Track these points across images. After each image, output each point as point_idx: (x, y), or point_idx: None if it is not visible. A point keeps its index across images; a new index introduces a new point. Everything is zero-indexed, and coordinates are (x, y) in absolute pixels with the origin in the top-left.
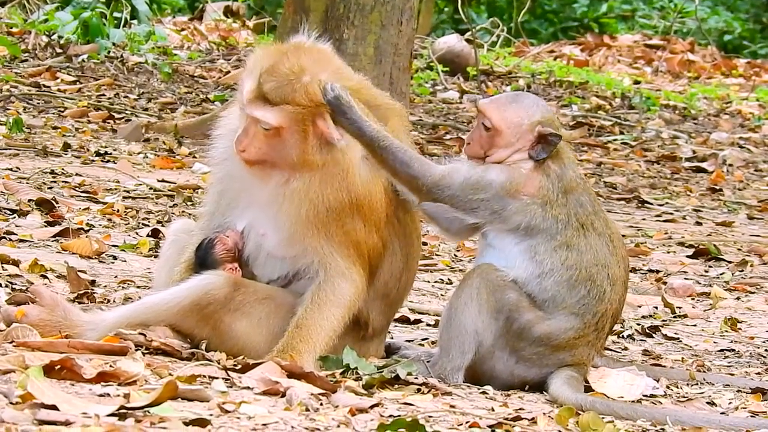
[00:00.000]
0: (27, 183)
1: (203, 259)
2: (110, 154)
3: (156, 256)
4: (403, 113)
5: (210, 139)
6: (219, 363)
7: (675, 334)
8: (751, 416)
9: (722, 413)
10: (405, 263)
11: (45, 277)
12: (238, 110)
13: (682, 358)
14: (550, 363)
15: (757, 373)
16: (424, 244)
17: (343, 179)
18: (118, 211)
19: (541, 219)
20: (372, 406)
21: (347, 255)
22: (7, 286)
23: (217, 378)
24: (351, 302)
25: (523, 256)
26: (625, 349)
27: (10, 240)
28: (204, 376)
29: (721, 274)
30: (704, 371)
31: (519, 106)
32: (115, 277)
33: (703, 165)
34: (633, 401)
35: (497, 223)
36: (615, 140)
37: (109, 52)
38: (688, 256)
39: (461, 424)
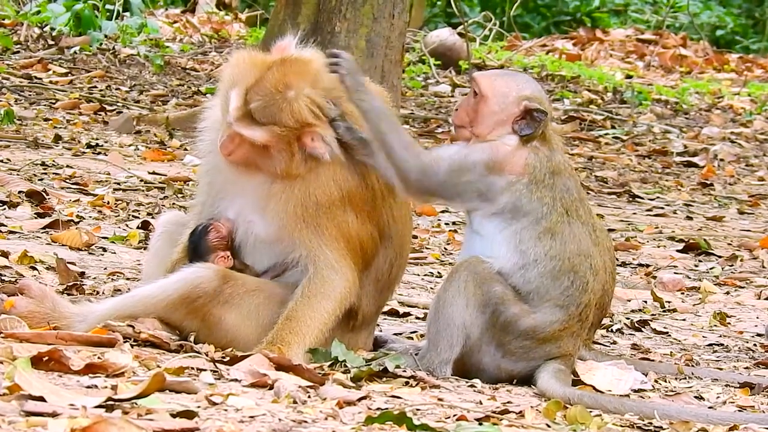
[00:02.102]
0: (17, 174)
1: (196, 245)
2: (101, 146)
3: (146, 248)
4: (387, 99)
5: (198, 131)
6: (207, 355)
7: (664, 328)
8: (739, 411)
9: (710, 407)
10: (398, 249)
11: (34, 268)
12: (221, 115)
13: (671, 352)
14: (536, 356)
15: (745, 368)
16: (414, 237)
17: (332, 176)
18: (108, 203)
19: (527, 200)
20: (360, 399)
21: (338, 248)
22: None
23: (205, 370)
24: (342, 296)
25: (508, 244)
26: (614, 343)
27: (0, 231)
28: (192, 368)
29: (710, 269)
30: (693, 365)
31: (510, 78)
32: (105, 269)
33: (695, 160)
34: (621, 395)
35: (484, 205)
36: (606, 134)
37: (101, 44)
38: (678, 251)
39: (449, 417)
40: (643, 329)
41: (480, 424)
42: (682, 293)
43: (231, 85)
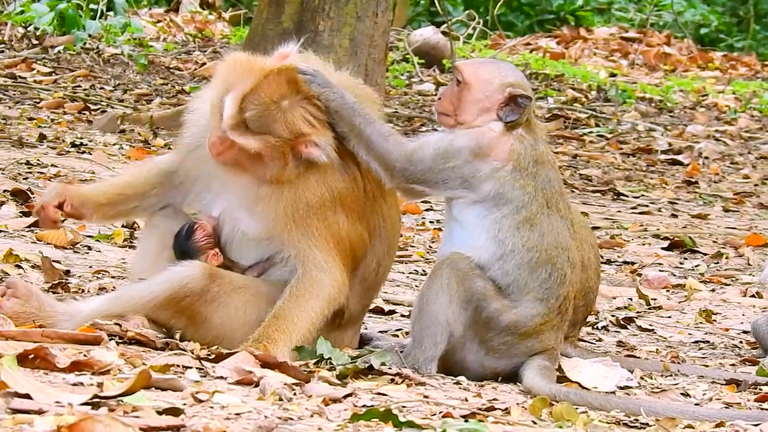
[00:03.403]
0: (2, 173)
1: (184, 246)
2: (86, 145)
3: (131, 247)
4: (376, 99)
5: (184, 122)
6: (193, 353)
7: (650, 325)
8: (725, 407)
9: (696, 404)
10: (386, 249)
11: (20, 267)
12: (210, 115)
13: (657, 349)
14: (519, 352)
15: (731, 365)
16: (400, 235)
17: (323, 178)
18: None
19: (509, 187)
20: (345, 396)
21: (327, 249)
22: None
23: (190, 368)
24: (331, 296)
25: (487, 233)
26: (600, 340)
27: None
28: (178, 366)
29: (696, 266)
30: (678, 362)
31: (494, 66)
32: (90, 267)
33: (679, 158)
34: (607, 392)
35: (467, 193)
36: (591, 133)
37: (85, 43)
38: (663, 248)
39: (435, 414)
40: (628, 326)
41: (466, 421)
42: (668, 291)
43: (225, 89)
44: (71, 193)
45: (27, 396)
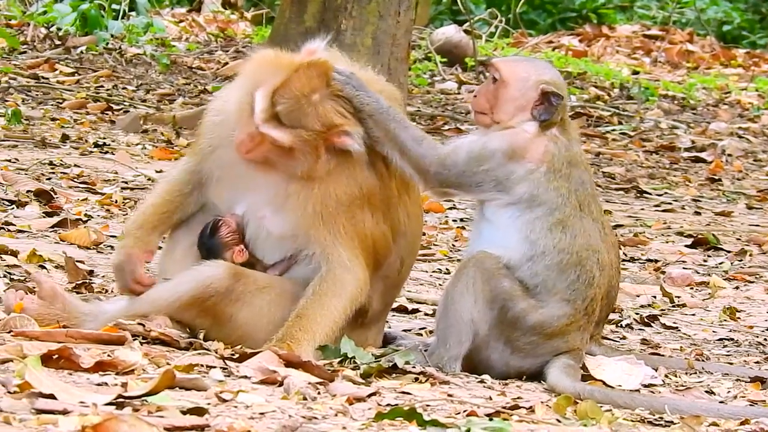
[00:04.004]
0: (25, 174)
1: (209, 245)
2: (108, 145)
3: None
4: (398, 97)
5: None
6: (217, 352)
7: (673, 323)
8: (750, 405)
9: (721, 402)
10: (409, 248)
11: (43, 267)
12: (238, 113)
13: (681, 347)
14: (544, 352)
15: (755, 362)
16: (423, 234)
17: (352, 174)
18: (116, 201)
19: (543, 189)
20: (369, 395)
21: (352, 247)
22: (5, 276)
23: (214, 367)
24: (353, 295)
25: (519, 234)
26: (624, 338)
27: (9, 231)
28: (202, 366)
29: (719, 264)
30: (703, 360)
31: (530, 64)
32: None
33: (702, 155)
34: (631, 390)
35: (501, 195)
36: (613, 130)
37: (107, 43)
38: (686, 246)
39: (459, 413)
40: (652, 324)
41: (490, 419)
42: (692, 288)
43: (255, 85)
44: (138, 256)
45: (51, 396)
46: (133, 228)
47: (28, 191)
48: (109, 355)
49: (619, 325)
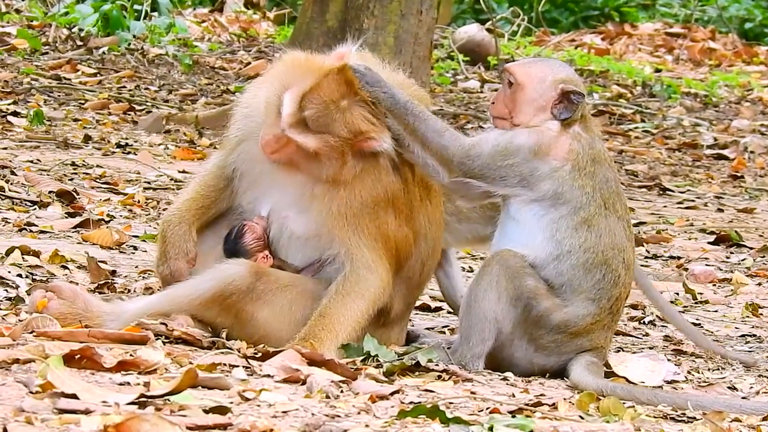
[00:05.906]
0: (48, 175)
1: (233, 250)
2: (131, 145)
3: None
4: (427, 99)
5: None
6: (239, 351)
7: (696, 319)
8: None
9: (743, 398)
10: (430, 249)
11: (65, 267)
12: (266, 112)
13: None
14: (568, 350)
15: None
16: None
17: (378, 177)
18: (138, 202)
19: (568, 187)
20: (392, 393)
21: (375, 248)
22: (27, 276)
23: (237, 366)
24: (376, 295)
25: (544, 233)
26: (647, 334)
27: (31, 231)
28: (224, 365)
29: (742, 260)
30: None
31: (544, 64)
32: (136, 267)
33: (725, 152)
34: (654, 386)
35: (525, 191)
36: (636, 128)
37: (129, 44)
38: (709, 243)
39: (482, 410)
40: None
41: (513, 416)
42: (714, 285)
43: (283, 87)
44: (184, 270)
45: (74, 396)
46: (170, 228)
47: (50, 192)
48: (131, 355)
49: (641, 321)
